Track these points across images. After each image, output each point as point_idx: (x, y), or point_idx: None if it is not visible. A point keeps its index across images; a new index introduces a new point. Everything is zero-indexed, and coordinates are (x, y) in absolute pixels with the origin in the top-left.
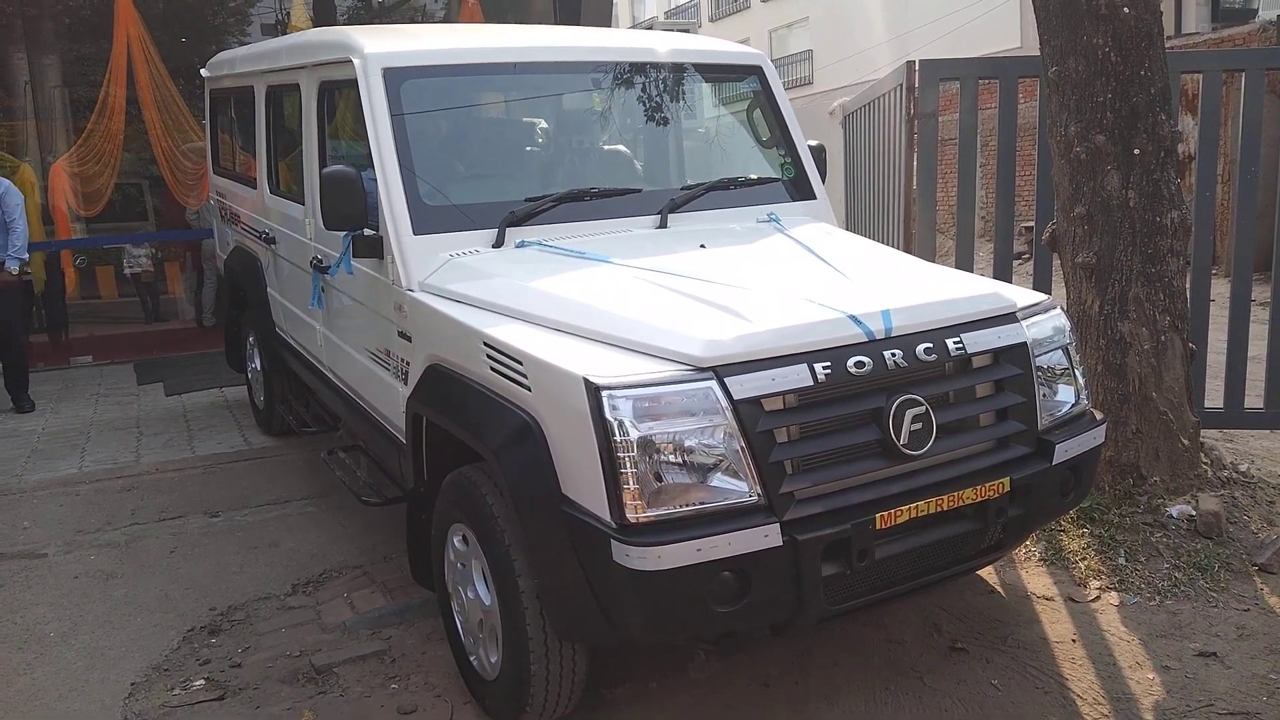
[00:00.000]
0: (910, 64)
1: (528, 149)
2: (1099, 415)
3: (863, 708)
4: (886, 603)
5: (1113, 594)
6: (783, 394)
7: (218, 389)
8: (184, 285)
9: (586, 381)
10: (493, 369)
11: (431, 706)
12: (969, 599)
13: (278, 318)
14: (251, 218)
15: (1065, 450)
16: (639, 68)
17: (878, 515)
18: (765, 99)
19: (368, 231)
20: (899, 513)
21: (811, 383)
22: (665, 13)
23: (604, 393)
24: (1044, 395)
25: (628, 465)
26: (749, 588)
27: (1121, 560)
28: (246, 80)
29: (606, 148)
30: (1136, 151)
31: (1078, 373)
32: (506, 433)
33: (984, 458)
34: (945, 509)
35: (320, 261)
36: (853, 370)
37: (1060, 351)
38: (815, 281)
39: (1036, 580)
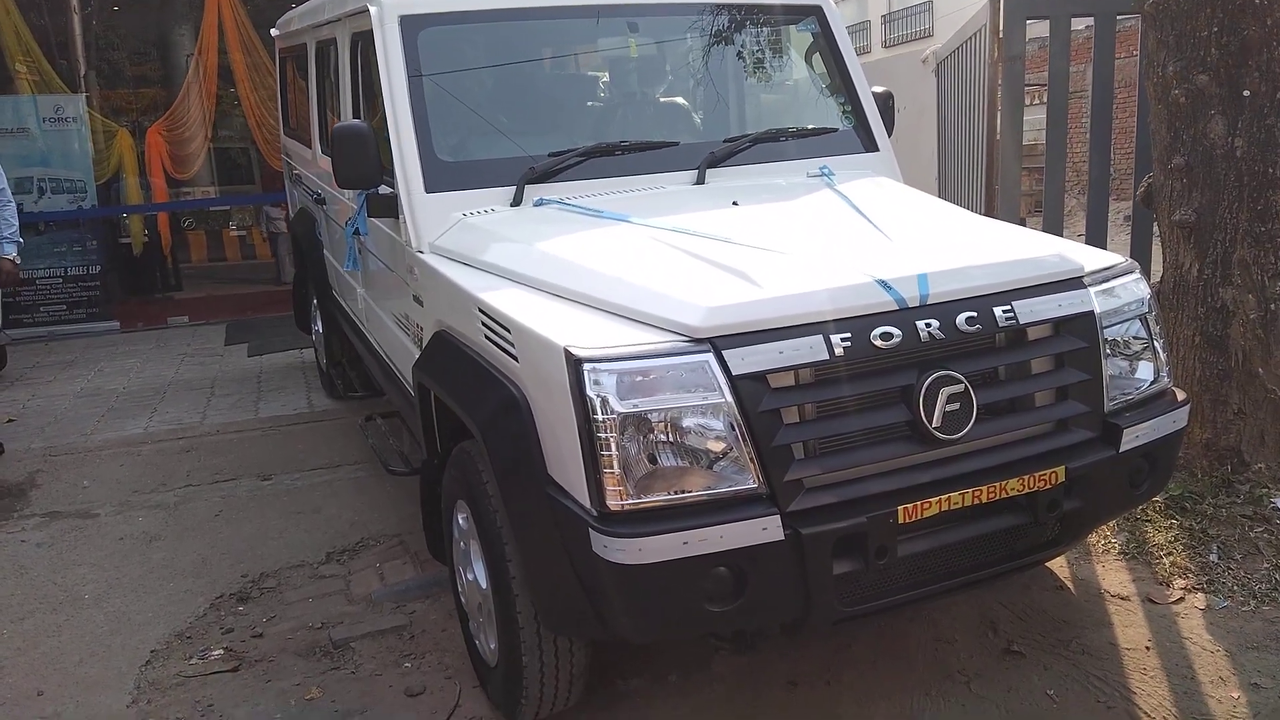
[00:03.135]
0: (994, 0)
1: (557, 101)
2: (1181, 395)
3: (898, 715)
4: (919, 604)
5: (1199, 596)
6: (793, 369)
7: (297, 350)
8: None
9: (567, 352)
10: (487, 337)
11: (440, 689)
12: (1033, 595)
13: (332, 279)
14: (308, 178)
15: (1135, 435)
16: (684, 9)
17: (900, 508)
18: (825, 41)
19: (383, 190)
20: (927, 504)
21: (827, 356)
22: None
23: (585, 365)
24: (1114, 372)
25: (610, 447)
26: (745, 586)
27: (1213, 558)
28: (302, 38)
29: (661, 99)
30: (1246, 93)
31: (1158, 346)
32: (493, 406)
33: (1036, 443)
34: (985, 501)
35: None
36: (878, 343)
37: (1137, 322)
38: (850, 242)
39: (1112, 576)
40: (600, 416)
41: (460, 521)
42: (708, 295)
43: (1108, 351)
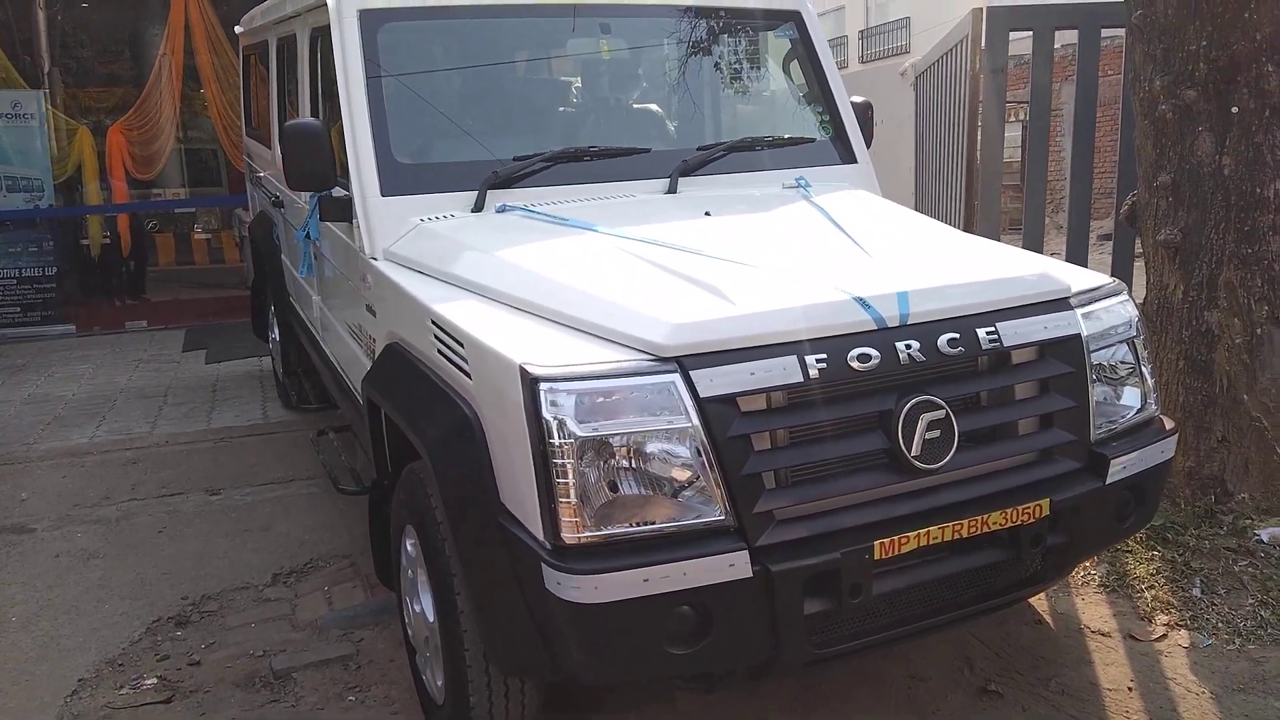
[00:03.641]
0: (976, 12)
1: (523, 103)
2: (1169, 424)
3: None
4: (893, 645)
5: (1183, 633)
6: (764, 391)
7: (256, 358)
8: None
9: (522, 370)
10: (440, 351)
11: None
12: (1010, 630)
13: (289, 286)
14: (268, 180)
15: (1123, 466)
16: (658, 11)
17: (877, 542)
18: (803, 48)
19: (337, 192)
20: (904, 539)
21: (801, 379)
22: None
23: (542, 385)
24: (1101, 399)
25: (567, 474)
26: (711, 627)
27: (1197, 592)
28: (264, 34)
29: (634, 104)
30: (1235, 110)
31: (1146, 372)
32: (443, 426)
33: (1019, 474)
34: (966, 535)
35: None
36: (855, 365)
37: (1125, 346)
38: (827, 257)
39: (1093, 610)
40: (557, 441)
41: (409, 548)
42: (675, 311)
43: (1094, 377)
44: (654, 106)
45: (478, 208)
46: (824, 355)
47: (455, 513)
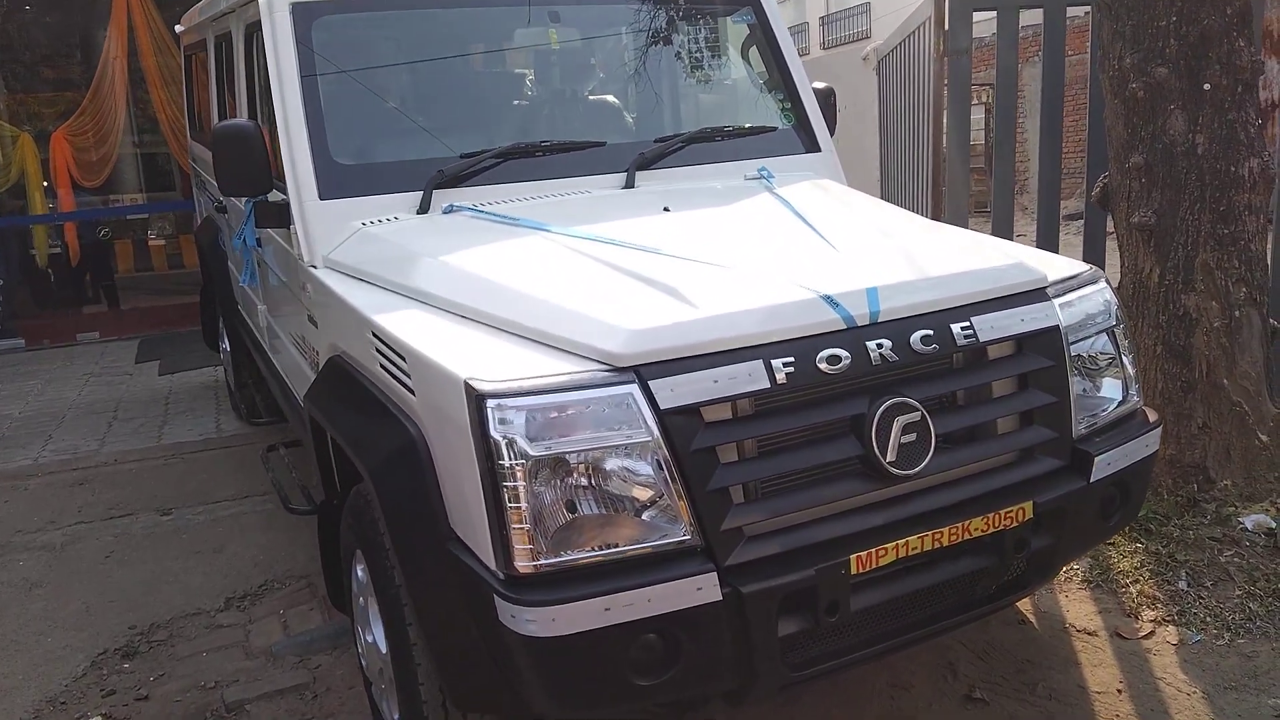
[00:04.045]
0: None
1: (470, 98)
2: (1152, 415)
3: None
4: (873, 661)
5: (1170, 629)
6: (729, 399)
7: (211, 368)
8: None
9: (468, 385)
10: (381, 365)
11: None
12: (994, 633)
13: (236, 294)
14: (211, 184)
15: (1107, 463)
16: None
17: (853, 556)
18: (762, 34)
19: (273, 196)
20: (882, 551)
21: (768, 384)
22: None
23: (489, 401)
24: (1081, 392)
25: (518, 497)
26: (679, 654)
27: (1183, 585)
28: (203, 32)
29: (587, 96)
30: (1207, 86)
31: (1127, 361)
32: (385, 447)
33: (1000, 475)
34: (946, 543)
35: (252, 233)
36: (824, 367)
37: (1104, 336)
38: (792, 252)
39: (1077, 608)
40: (507, 461)
41: (359, 573)
42: (631, 316)
43: (1074, 369)
44: (609, 98)
45: (423, 209)
46: (791, 358)
47: (401, 540)
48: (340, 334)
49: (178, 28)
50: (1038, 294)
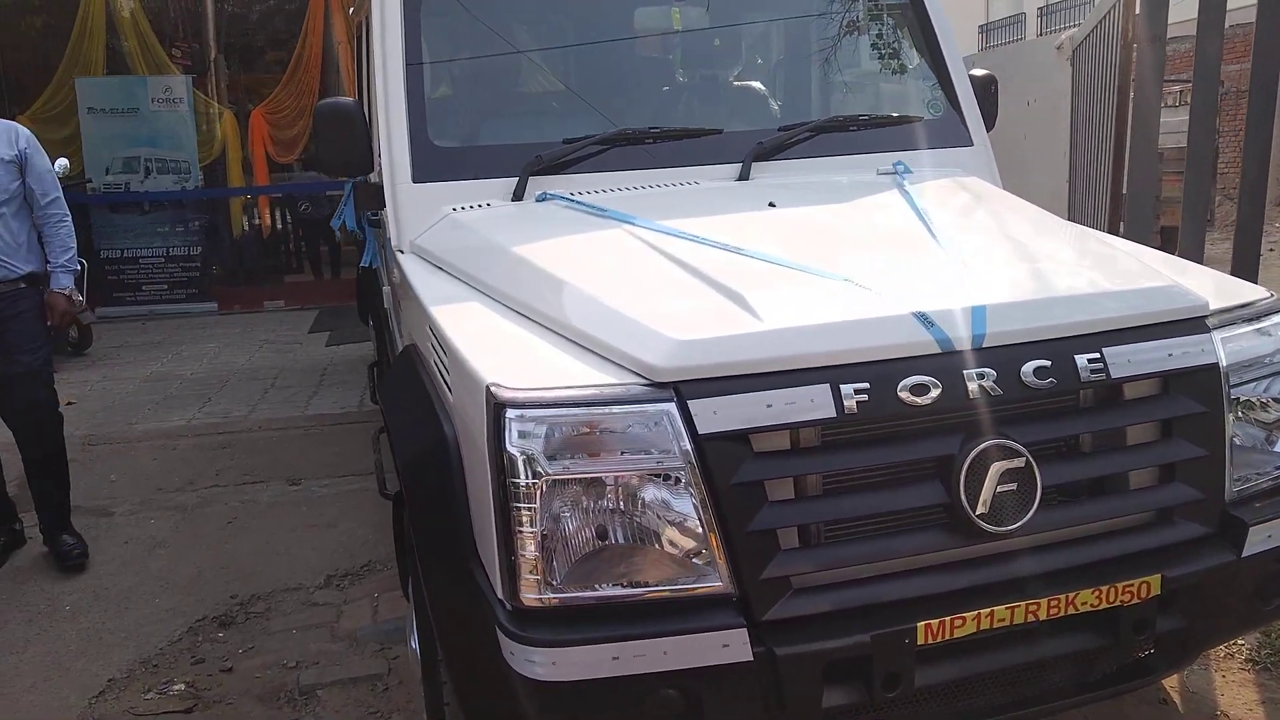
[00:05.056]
0: None
1: (580, 78)
2: None
3: None
4: None
5: None
6: (785, 428)
7: (371, 342)
8: None
9: (489, 392)
10: (435, 360)
11: None
12: (1127, 708)
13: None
14: None
15: (1268, 534)
16: None
17: (922, 624)
18: (914, 13)
19: (373, 178)
20: (959, 620)
21: (834, 414)
22: None
23: (509, 411)
24: (1243, 445)
25: (529, 522)
26: (699, 716)
27: None
28: (359, 14)
29: (705, 78)
30: None
31: None
32: (418, 447)
33: (1123, 540)
34: (1044, 618)
35: (372, 214)
36: (907, 397)
37: None
38: (897, 259)
39: (1235, 694)
40: (521, 481)
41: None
42: (681, 325)
43: (1237, 418)
44: (733, 81)
45: (518, 196)
46: (866, 384)
47: (424, 552)
48: (412, 323)
49: (349, 10)
50: (1194, 324)
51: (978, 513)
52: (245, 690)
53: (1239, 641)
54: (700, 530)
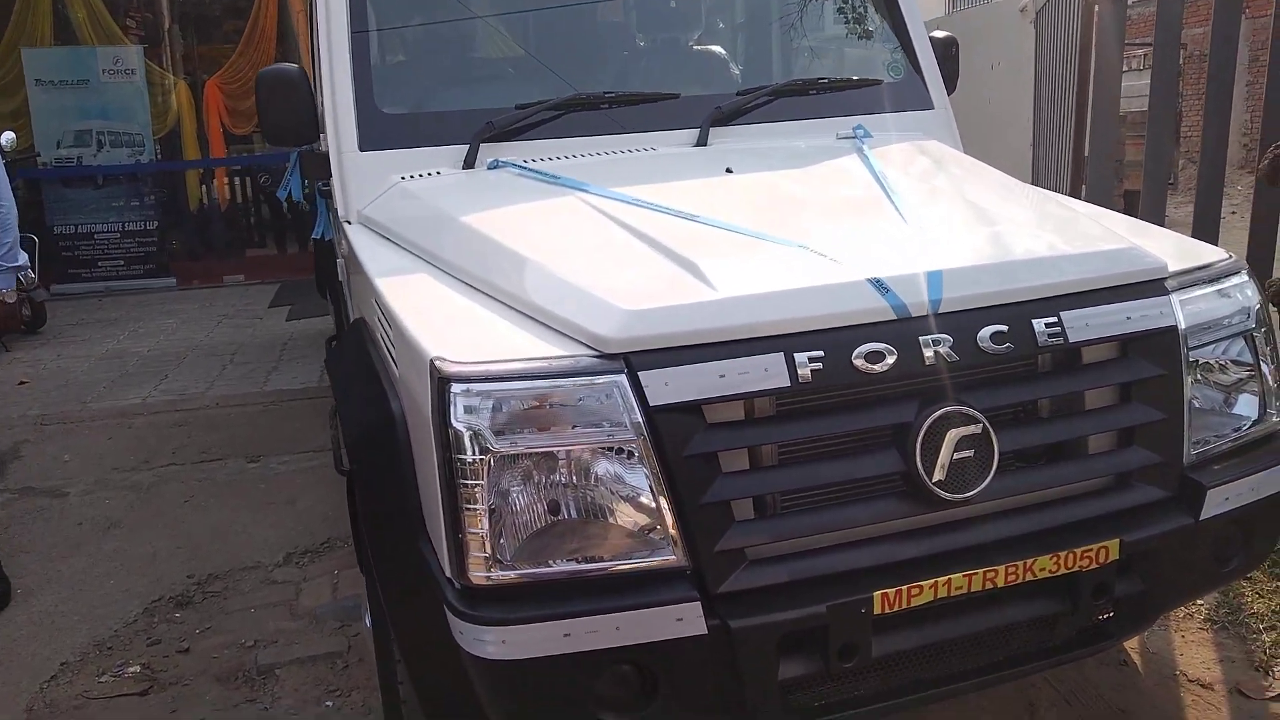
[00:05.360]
0: None
1: (532, 43)
2: None
3: None
4: (909, 709)
5: None
6: (739, 398)
7: (331, 316)
8: None
9: (433, 366)
10: (382, 335)
11: None
12: (1087, 671)
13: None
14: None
15: (1225, 496)
16: None
17: (878, 593)
18: None
19: (320, 146)
20: (916, 589)
21: (788, 382)
22: None
23: (453, 386)
24: (1201, 408)
25: (476, 499)
26: (654, 690)
27: None
28: None
29: (662, 41)
30: None
31: (1267, 372)
32: (364, 424)
33: (1081, 505)
34: (1001, 585)
35: (324, 184)
36: (862, 365)
37: (1240, 341)
38: (854, 224)
39: (1193, 653)
40: (467, 457)
41: None
42: (631, 295)
43: (1195, 381)
44: (692, 45)
45: (468, 164)
46: (820, 352)
47: (372, 531)
48: (360, 296)
49: None
50: (1152, 286)
51: (934, 480)
52: (202, 671)
53: (1198, 602)
54: (653, 504)
